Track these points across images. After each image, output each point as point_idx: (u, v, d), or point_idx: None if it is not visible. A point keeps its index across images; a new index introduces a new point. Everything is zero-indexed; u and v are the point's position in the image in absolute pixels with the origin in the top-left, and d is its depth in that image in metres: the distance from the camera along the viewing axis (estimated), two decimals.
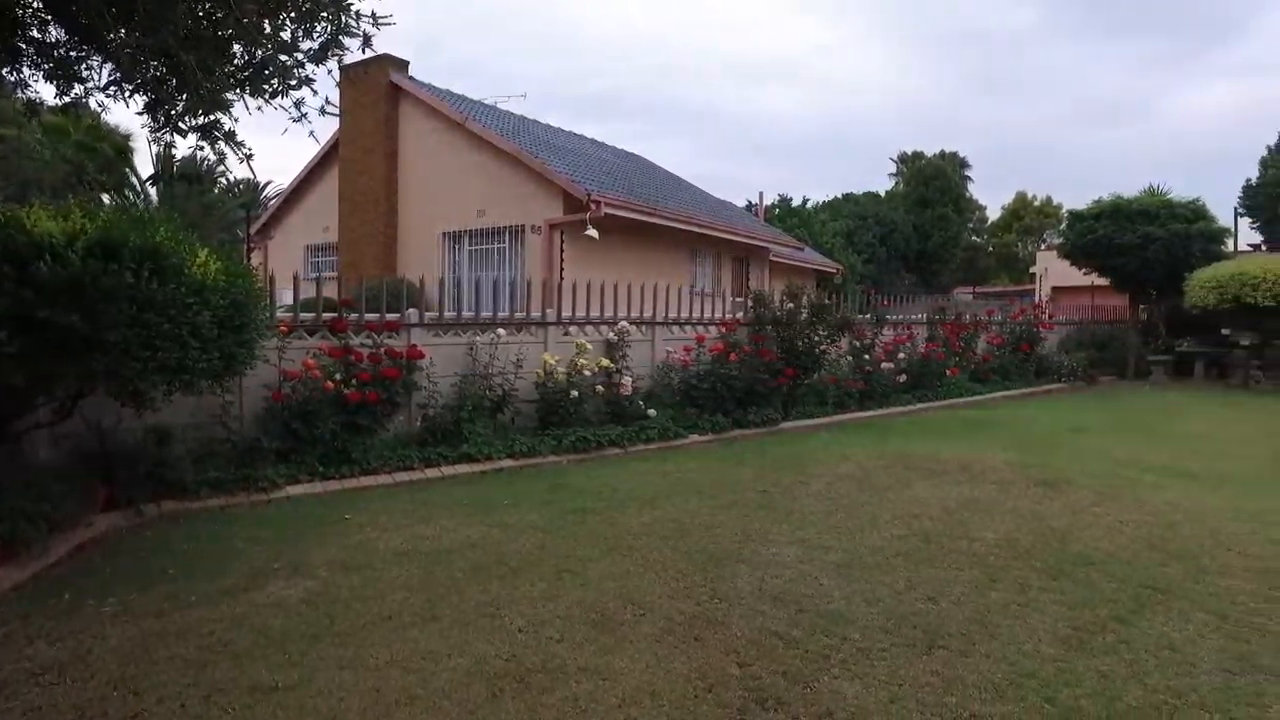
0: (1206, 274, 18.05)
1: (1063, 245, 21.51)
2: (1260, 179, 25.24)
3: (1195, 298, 18.24)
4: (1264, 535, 5.88)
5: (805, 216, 33.68)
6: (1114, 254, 19.67)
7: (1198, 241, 19.22)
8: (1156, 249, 19.01)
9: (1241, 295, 17.17)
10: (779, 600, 4.42)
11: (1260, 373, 18.84)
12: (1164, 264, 19.14)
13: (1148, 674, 3.62)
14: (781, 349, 11.39)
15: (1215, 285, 17.64)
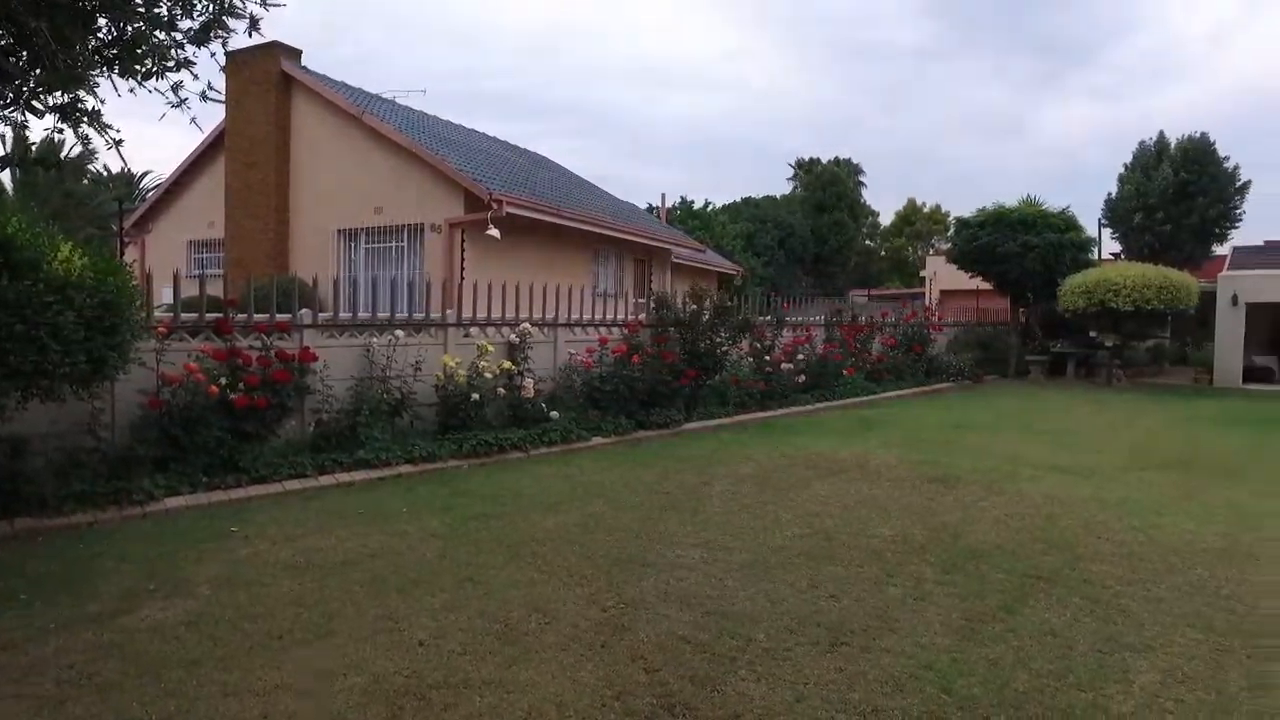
0: (1076, 280, 19.30)
1: (950, 251, 22.59)
2: (1119, 193, 27.15)
3: (1067, 302, 19.47)
4: (1126, 523, 6.30)
5: (706, 219, 34.16)
6: (997, 260, 20.78)
7: (1069, 250, 20.55)
8: (1034, 256, 20.20)
9: (1106, 300, 18.44)
10: (685, 603, 4.42)
11: (1121, 371, 20.31)
12: (1040, 270, 20.36)
13: (1032, 659, 3.79)
14: (684, 350, 11.48)
15: (1084, 290, 18.88)
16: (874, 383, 15.99)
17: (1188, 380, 21.50)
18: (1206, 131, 26.40)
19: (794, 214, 41.18)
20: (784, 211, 41.09)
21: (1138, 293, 18.11)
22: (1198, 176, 25.40)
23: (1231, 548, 5.70)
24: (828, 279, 41.80)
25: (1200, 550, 5.61)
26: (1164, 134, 26.94)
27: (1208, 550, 5.62)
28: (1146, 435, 11.28)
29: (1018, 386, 19.07)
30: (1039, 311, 23.08)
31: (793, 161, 55.93)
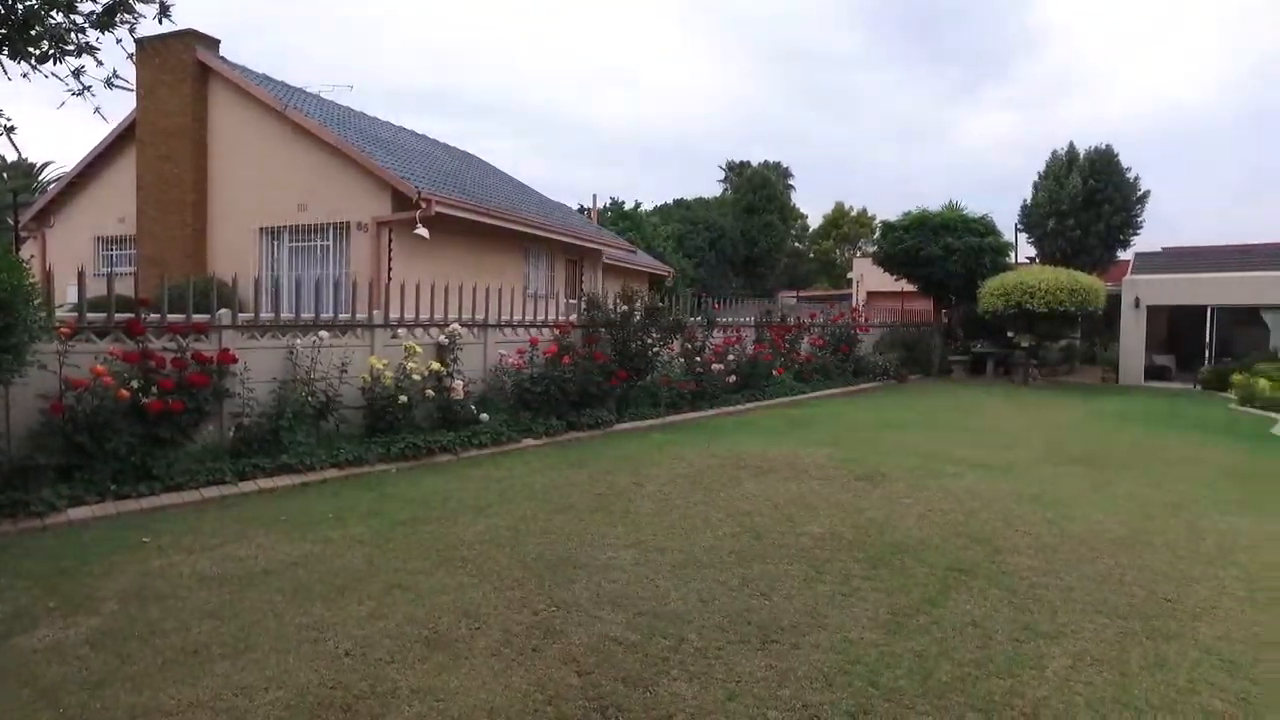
0: (995, 282, 20.06)
1: (877, 253, 23.21)
2: (1033, 200, 28.35)
3: (986, 304, 20.22)
4: (1041, 515, 6.58)
5: (637, 220, 34.25)
6: (920, 263, 21.46)
7: (988, 253, 21.36)
8: (956, 259, 20.93)
9: (1022, 302, 19.23)
10: (617, 604, 4.42)
11: (1036, 370, 21.20)
12: (962, 273, 21.11)
13: (954, 650, 3.92)
14: (615, 351, 11.49)
15: (1002, 293, 19.64)
16: (803, 382, 16.29)
17: (1096, 378, 22.62)
18: (1110, 143, 27.78)
19: (724, 216, 41.63)
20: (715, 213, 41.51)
21: (1051, 295, 18.94)
22: (1104, 185, 26.70)
23: (1132, 536, 6.00)
24: (758, 280, 42.37)
25: (1106, 540, 5.89)
26: (1074, 145, 28.21)
27: (1113, 540, 5.91)
28: (1058, 431, 11.79)
29: (941, 385, 19.70)
30: (960, 313, 23.92)
31: (723, 164, 56.72)
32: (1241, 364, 19.24)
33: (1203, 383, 19.93)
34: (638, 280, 24.98)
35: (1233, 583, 5.02)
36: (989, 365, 22.62)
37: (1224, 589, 4.90)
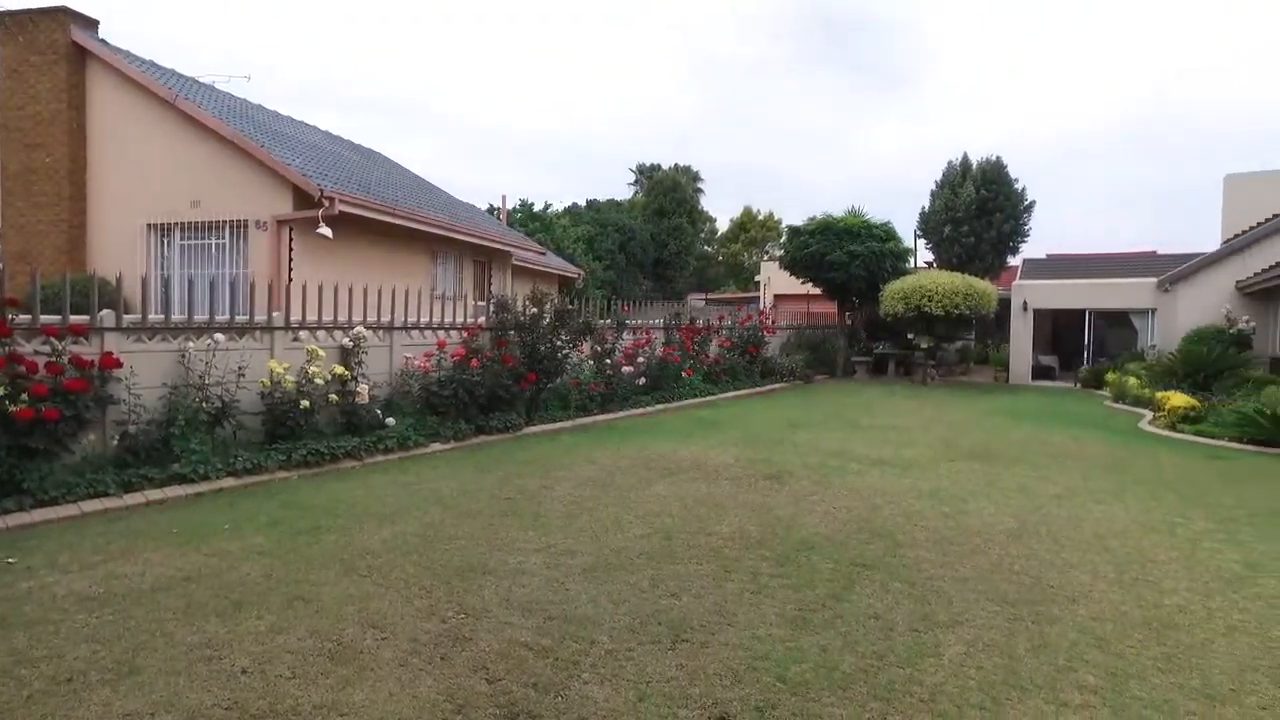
0: (895, 286, 20.84)
1: (783, 258, 23.75)
2: (931, 207, 29.64)
3: (888, 307, 20.99)
4: (938, 510, 6.87)
5: (547, 222, 34.10)
6: (825, 267, 22.09)
7: (890, 258, 22.17)
8: (859, 264, 21.64)
9: (922, 305, 20.05)
10: (527, 610, 4.38)
11: (934, 371, 22.14)
12: (865, 277, 21.84)
13: (858, 642, 4.05)
14: (524, 354, 11.40)
15: (902, 296, 20.41)
16: (712, 384, 16.54)
17: (989, 378, 23.79)
18: (1000, 155, 29.31)
19: (635, 218, 41.89)
20: (625, 216, 41.71)
21: (948, 299, 19.80)
22: (995, 195, 28.12)
23: (1021, 527, 6.34)
24: (667, 283, 42.79)
25: (998, 531, 6.20)
26: (967, 156, 29.63)
27: (1003, 531, 6.22)
28: (954, 429, 12.33)
29: (845, 385, 20.33)
30: (863, 315, 24.75)
31: (634, 167, 57.04)
32: (1115, 364, 20.60)
33: (1082, 381, 21.22)
34: (548, 282, 24.85)
35: (1105, 567, 5.37)
36: (890, 365, 23.50)
37: (1098, 573, 5.23)
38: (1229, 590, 4.96)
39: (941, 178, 29.91)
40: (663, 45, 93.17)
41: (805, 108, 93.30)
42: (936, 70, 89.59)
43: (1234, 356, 16.93)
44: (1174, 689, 3.61)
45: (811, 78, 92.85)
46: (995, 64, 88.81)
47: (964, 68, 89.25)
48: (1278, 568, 5.46)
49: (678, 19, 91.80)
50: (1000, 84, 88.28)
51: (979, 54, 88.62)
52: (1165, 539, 6.13)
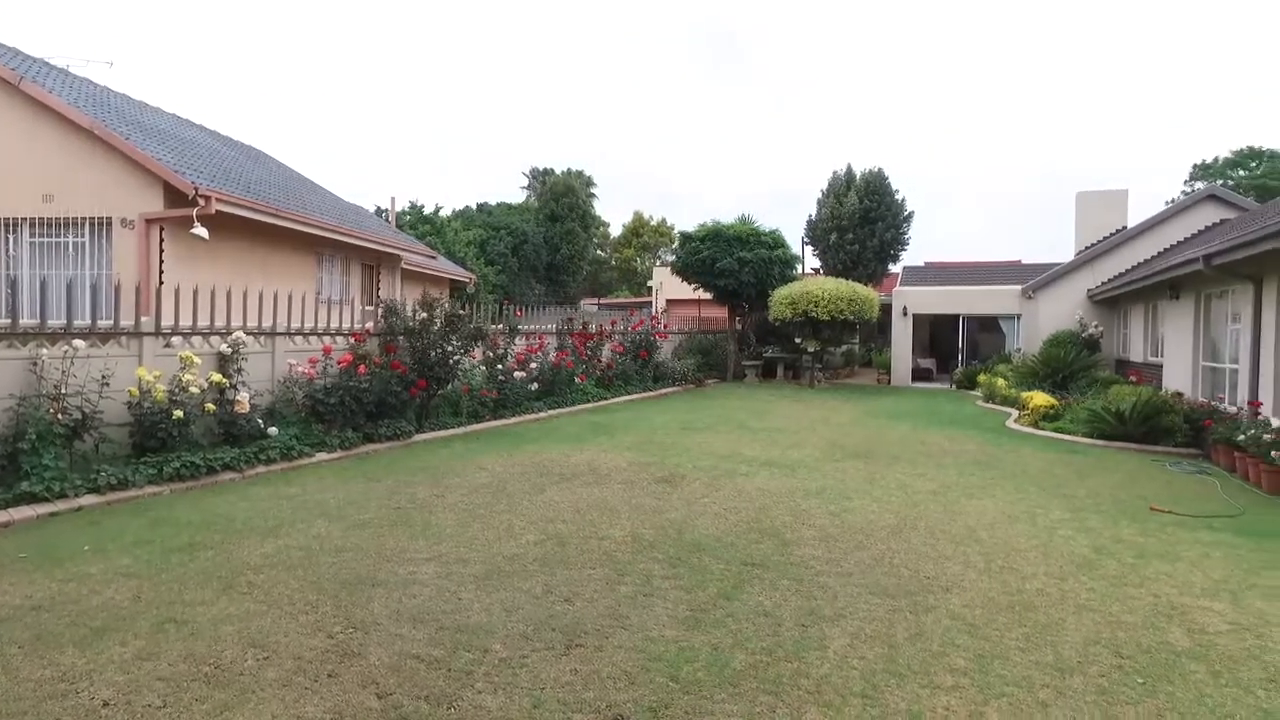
0: (783, 292, 21.49)
1: (675, 263, 24.08)
2: (817, 216, 30.74)
3: (776, 312, 21.61)
4: (824, 509, 7.14)
5: (438, 225, 33.45)
6: (716, 273, 22.54)
7: (778, 265, 22.83)
8: (748, 270, 22.20)
9: (808, 310, 20.74)
10: (418, 620, 4.30)
11: (821, 374, 22.95)
12: (754, 282, 22.41)
13: (748, 639, 4.16)
14: (414, 360, 11.16)
15: (790, 302, 21.06)
16: (605, 389, 16.62)
17: (872, 380, 24.86)
18: (882, 167, 30.69)
19: (528, 222, 41.58)
20: (518, 219, 41.35)
21: (833, 304, 20.57)
22: (877, 205, 29.41)
23: (900, 523, 6.67)
24: (560, 287, 42.71)
25: (879, 528, 6.50)
26: (851, 167, 30.87)
27: (885, 527, 6.53)
28: (839, 430, 12.82)
29: (735, 389, 20.79)
30: (753, 320, 25.39)
31: (527, 170, 56.64)
32: (986, 366, 21.93)
33: (957, 383, 22.46)
34: (438, 287, 24.36)
35: (975, 557, 5.72)
36: (779, 369, 24.20)
37: (969, 563, 5.57)
38: (1079, 573, 5.38)
39: (827, 187, 31.06)
40: (557, 50, 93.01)
41: (697, 116, 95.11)
42: (824, 83, 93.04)
43: (1086, 358, 18.33)
44: (1032, 666, 3.90)
45: (706, 87, 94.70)
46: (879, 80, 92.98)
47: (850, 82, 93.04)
48: (1118, 550, 5.98)
49: (572, 25, 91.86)
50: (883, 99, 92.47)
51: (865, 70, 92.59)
52: (1027, 529, 6.58)
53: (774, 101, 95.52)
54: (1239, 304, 11.02)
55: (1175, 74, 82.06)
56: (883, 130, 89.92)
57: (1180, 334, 13.97)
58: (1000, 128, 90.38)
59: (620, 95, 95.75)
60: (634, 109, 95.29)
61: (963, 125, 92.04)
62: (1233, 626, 4.50)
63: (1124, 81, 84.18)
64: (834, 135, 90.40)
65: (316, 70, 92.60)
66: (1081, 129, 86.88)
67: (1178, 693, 3.67)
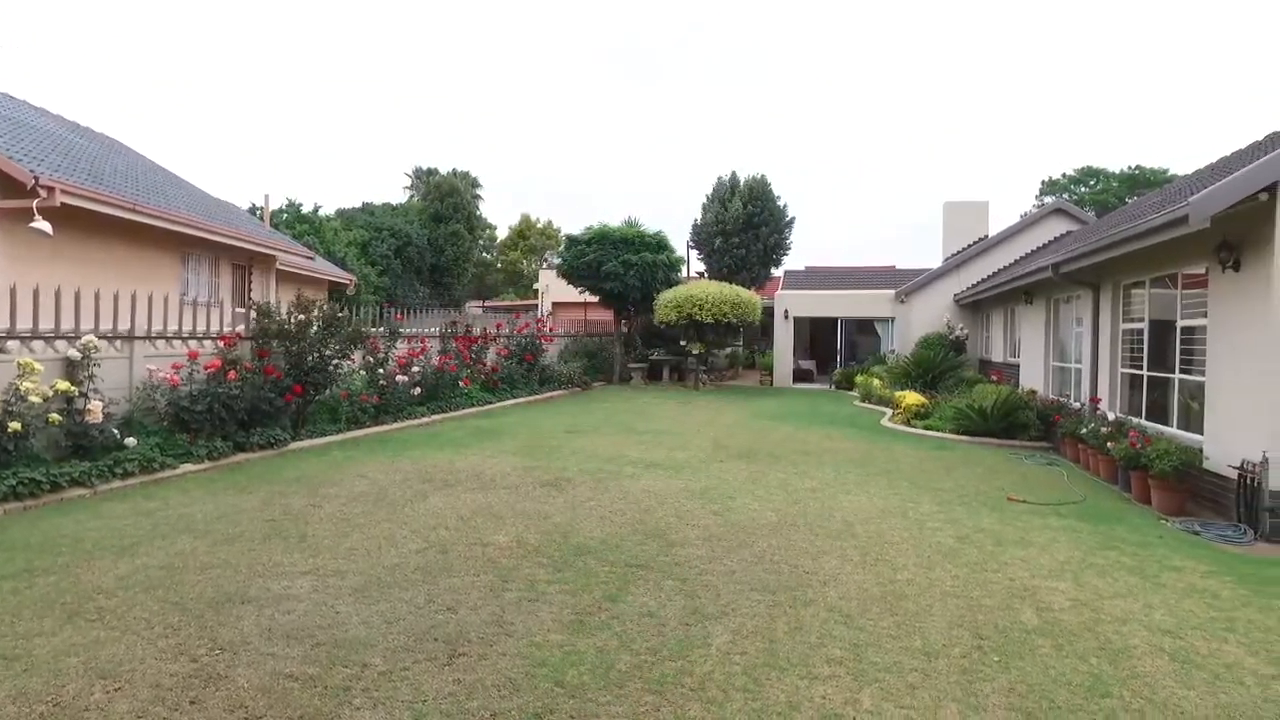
0: (668, 295, 21.78)
1: (561, 266, 24.00)
2: (703, 220, 31.36)
3: (661, 315, 21.88)
4: (708, 508, 7.28)
5: (317, 224, 32.07)
6: (602, 276, 22.61)
7: (663, 268, 23.11)
8: (634, 273, 22.37)
9: (693, 313, 21.11)
10: (292, 638, 4.10)
11: (706, 376, 23.39)
12: (639, 285, 22.61)
13: (632, 641, 4.19)
14: (290, 364, 10.68)
15: (675, 305, 21.37)
16: (490, 392, 16.39)
17: (755, 381, 25.53)
18: (765, 173, 31.57)
19: (411, 223, 40.48)
20: (401, 220, 40.18)
21: (717, 307, 21.00)
22: (760, 210, 30.24)
23: (781, 521, 6.87)
24: (445, 290, 41.81)
25: (761, 526, 6.68)
26: (736, 173, 31.62)
27: (766, 525, 6.71)
28: (723, 431, 13.10)
29: (622, 391, 20.91)
30: (639, 323, 25.61)
31: (410, 170, 55.18)
32: (863, 367, 22.92)
33: (836, 383, 23.37)
34: (316, 288, 23.41)
35: (852, 551, 5.96)
36: (665, 371, 24.51)
37: (846, 557, 5.80)
38: (945, 562, 5.70)
39: (713, 192, 31.70)
40: (442, 47, 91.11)
41: (585, 118, 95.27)
42: (712, 89, 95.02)
43: (953, 359, 19.47)
44: (902, 652, 4.10)
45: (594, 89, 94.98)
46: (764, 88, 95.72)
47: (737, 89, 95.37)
48: (979, 539, 6.37)
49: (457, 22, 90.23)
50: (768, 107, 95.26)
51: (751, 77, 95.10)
52: (899, 522, 6.91)
53: (662, 106, 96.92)
54: (1081, 309, 11.96)
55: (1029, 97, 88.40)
56: (767, 137, 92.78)
57: (1034, 336, 15.02)
58: (877, 139, 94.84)
59: (507, 95, 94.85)
60: (521, 110, 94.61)
61: (842, 135, 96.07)
62: (1073, 603, 4.89)
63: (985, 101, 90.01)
64: (720, 141, 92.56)
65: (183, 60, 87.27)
66: (949, 143, 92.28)
67: (1028, 667, 3.95)
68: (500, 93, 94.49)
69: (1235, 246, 7.38)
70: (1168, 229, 7.48)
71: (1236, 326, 7.46)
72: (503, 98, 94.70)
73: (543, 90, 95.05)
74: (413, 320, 16.20)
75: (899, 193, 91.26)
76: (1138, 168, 50.66)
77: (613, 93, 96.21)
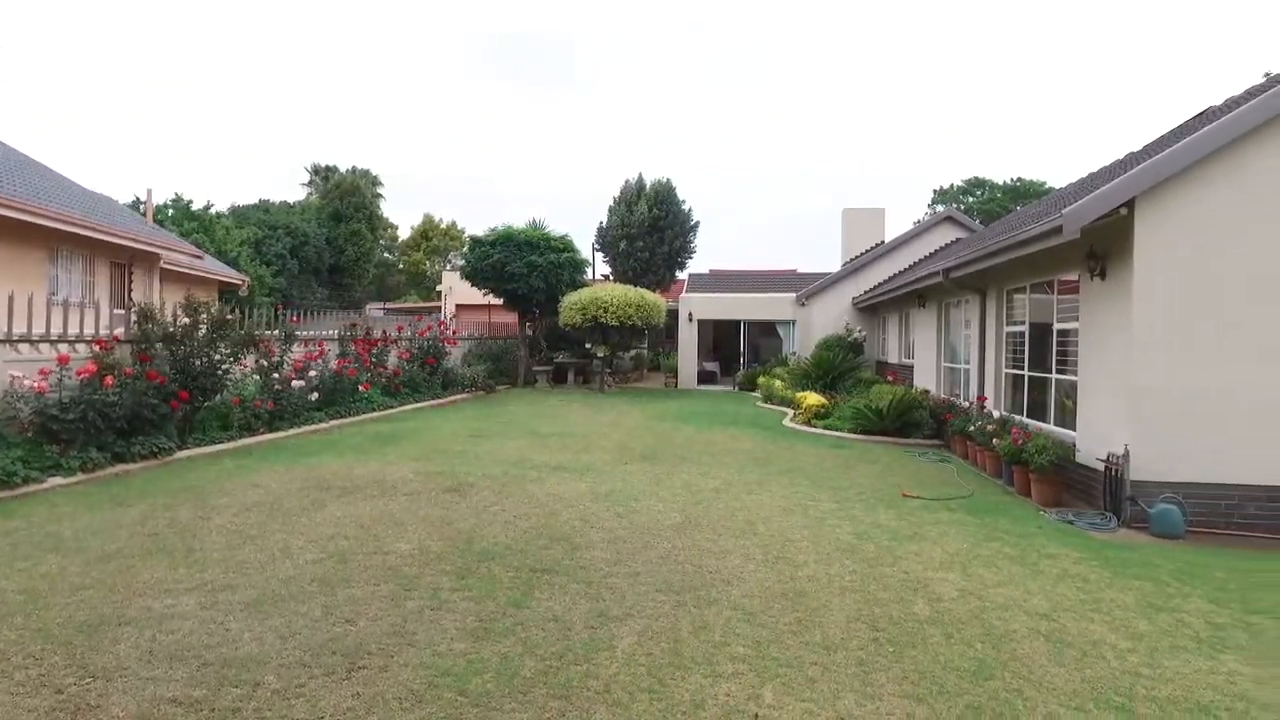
0: (573, 298, 21.74)
1: (464, 268, 23.60)
2: (609, 223, 31.44)
3: (567, 317, 21.81)
4: (613, 510, 7.29)
5: (206, 222, 30.58)
6: (507, 278, 22.35)
7: (568, 270, 23.02)
8: (538, 275, 22.20)
9: (598, 316, 21.12)
10: (176, 659, 3.88)
11: (611, 379, 23.44)
12: (544, 288, 22.46)
13: (538, 646, 4.15)
14: (176, 369, 10.13)
15: (580, 307, 21.34)
16: (391, 397, 15.98)
17: (661, 384, 25.74)
18: (670, 177, 31.92)
19: (309, 222, 39.09)
20: (298, 219, 38.75)
21: (622, 310, 21.08)
22: (666, 214, 30.53)
23: (686, 521, 6.95)
24: (344, 291, 40.59)
25: (666, 527, 6.73)
26: (642, 176, 31.81)
27: (670, 526, 6.77)
28: (628, 433, 13.14)
29: (527, 395, 20.73)
30: (544, 325, 25.44)
31: (309, 166, 53.23)
32: (765, 368, 23.43)
33: (739, 385, 23.81)
34: (206, 289, 22.30)
35: (754, 549, 6.08)
36: (570, 374, 24.43)
37: (749, 555, 5.91)
38: (843, 558, 5.89)
39: (619, 195, 31.82)
40: (342, 42, 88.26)
41: (491, 118, 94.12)
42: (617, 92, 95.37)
43: (852, 361, 20.14)
44: (803, 647, 4.20)
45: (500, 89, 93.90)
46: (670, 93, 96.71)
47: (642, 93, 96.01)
48: (876, 534, 6.62)
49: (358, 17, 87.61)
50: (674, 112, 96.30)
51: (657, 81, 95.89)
52: (800, 519, 7.10)
53: (569, 108, 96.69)
54: (970, 312, 12.57)
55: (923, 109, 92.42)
56: (672, 142, 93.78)
57: (926, 338, 15.70)
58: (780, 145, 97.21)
59: (409, 93, 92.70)
60: (424, 108, 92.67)
61: (746, 141, 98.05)
62: (961, 593, 5.14)
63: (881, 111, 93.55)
64: (626, 145, 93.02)
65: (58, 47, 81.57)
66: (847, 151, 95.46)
67: (920, 655, 4.12)
68: (403, 90, 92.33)
69: (1101, 256, 7.91)
70: (1045, 238, 7.94)
71: (1103, 330, 7.99)
72: (405, 95, 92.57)
73: (446, 89, 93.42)
74: (310, 322, 15.63)
75: (801, 198, 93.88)
76: (1019, 179, 53.70)
77: (518, 94, 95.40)
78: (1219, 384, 7.22)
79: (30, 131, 71.27)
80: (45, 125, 71.99)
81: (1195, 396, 7.25)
